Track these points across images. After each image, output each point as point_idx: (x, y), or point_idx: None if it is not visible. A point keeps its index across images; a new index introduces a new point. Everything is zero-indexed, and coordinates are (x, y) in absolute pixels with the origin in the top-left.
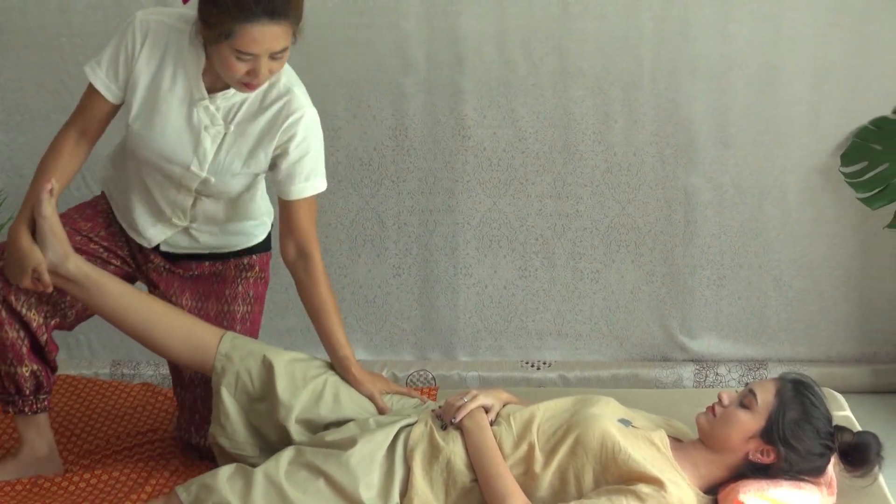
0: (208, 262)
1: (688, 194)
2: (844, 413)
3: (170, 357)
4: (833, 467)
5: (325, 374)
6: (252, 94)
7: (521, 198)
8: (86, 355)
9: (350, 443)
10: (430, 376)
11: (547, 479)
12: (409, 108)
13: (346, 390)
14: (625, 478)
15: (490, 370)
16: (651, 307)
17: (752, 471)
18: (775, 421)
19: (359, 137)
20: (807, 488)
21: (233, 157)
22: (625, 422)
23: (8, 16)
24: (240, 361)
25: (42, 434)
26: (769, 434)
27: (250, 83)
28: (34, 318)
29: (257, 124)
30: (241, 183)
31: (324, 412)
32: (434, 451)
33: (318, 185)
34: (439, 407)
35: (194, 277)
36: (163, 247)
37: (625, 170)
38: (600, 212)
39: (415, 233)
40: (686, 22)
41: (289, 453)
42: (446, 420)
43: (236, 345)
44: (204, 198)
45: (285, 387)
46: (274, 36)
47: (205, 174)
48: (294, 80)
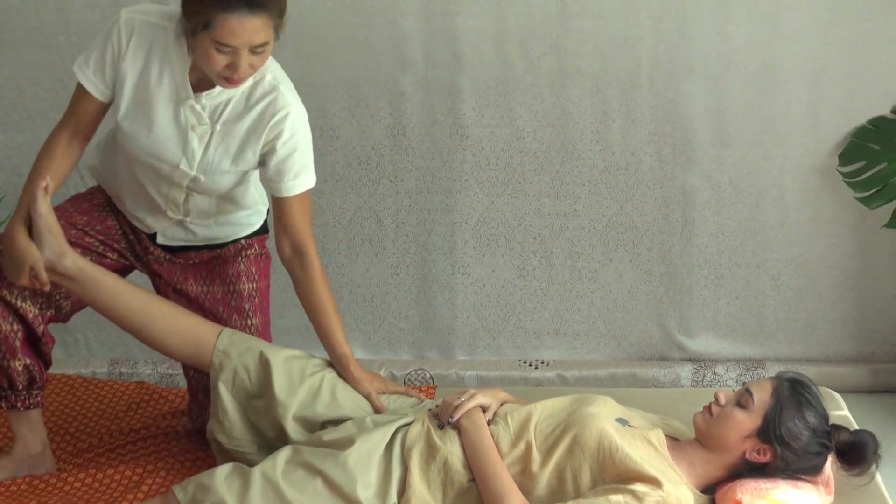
0: (206, 250)
1: (686, 194)
2: (842, 412)
3: (167, 353)
4: (830, 466)
5: (322, 372)
6: (237, 92)
7: (519, 197)
8: (83, 354)
9: (347, 442)
10: (428, 375)
11: (544, 478)
12: (407, 107)
13: (343, 388)
14: (622, 477)
15: (488, 369)
16: (649, 306)
17: (749, 470)
18: (772, 420)
19: (357, 136)
20: (804, 487)
21: (221, 156)
22: (622, 421)
23: (6, 15)
24: (237, 358)
25: (35, 431)
26: (766, 433)
27: (231, 77)
28: (30, 310)
29: (244, 123)
30: (230, 180)
31: (321, 410)
32: (431, 450)
33: (307, 182)
34: (436, 406)
35: (196, 264)
36: (160, 239)
37: (623, 169)
38: (598, 211)
39: (413, 232)
40: (684, 21)
41: (286, 453)
42: (444, 419)
43: (234, 341)
44: (196, 194)
45: (282, 384)
46: (253, 28)
47: (194, 172)
48: (280, 77)
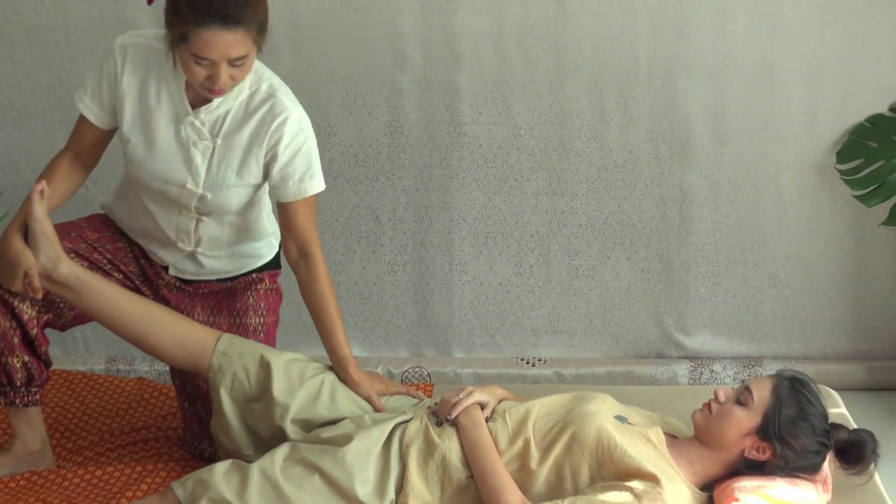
0: (217, 282)
1: (683, 191)
2: (839, 410)
3: (165, 359)
4: (829, 464)
5: (322, 375)
6: (235, 103)
7: (517, 195)
8: (81, 351)
9: (346, 439)
10: (426, 373)
11: (543, 475)
12: (404, 104)
13: (343, 391)
14: (621, 474)
15: (485, 367)
16: (646, 304)
17: (747, 468)
18: (771, 418)
19: (354, 134)
20: (802, 485)
21: (225, 170)
22: (621, 418)
23: (3, 12)
24: (237, 360)
25: (34, 428)
26: (765, 431)
27: (212, 89)
28: (25, 311)
29: (244, 133)
30: (238, 197)
31: (320, 412)
32: (429, 447)
33: (313, 186)
34: (435, 403)
35: (205, 294)
36: (171, 271)
37: (620, 167)
38: (596, 209)
39: (410, 229)
40: (682, 19)
41: (284, 449)
42: (442, 417)
43: (234, 343)
44: (206, 218)
45: (282, 387)
46: (228, 42)
47: (200, 191)
48: (277, 85)
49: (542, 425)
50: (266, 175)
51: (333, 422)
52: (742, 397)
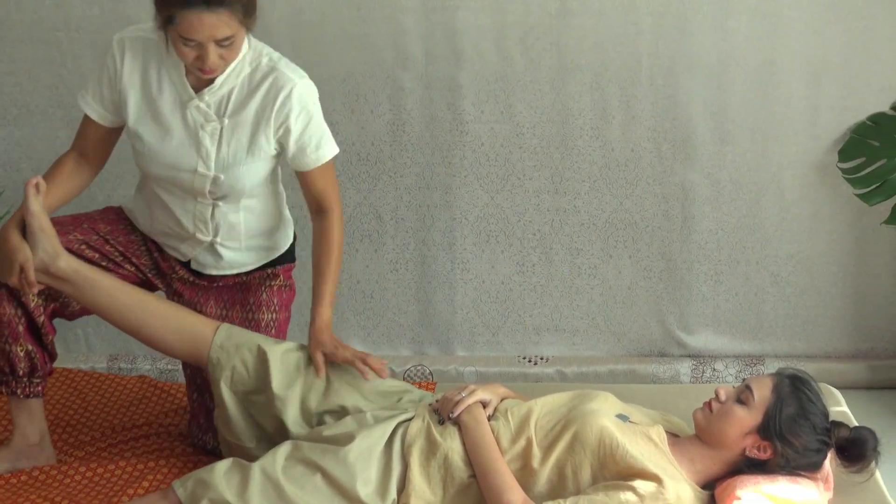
0: (233, 274)
1: (685, 190)
2: (841, 408)
3: (166, 351)
4: (830, 463)
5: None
6: (237, 81)
7: (519, 193)
8: (83, 350)
9: (347, 438)
10: (428, 371)
11: (545, 474)
12: (406, 102)
13: (339, 379)
14: (622, 474)
15: (487, 365)
16: (648, 303)
17: (748, 466)
18: (772, 417)
19: (356, 132)
20: (803, 484)
21: (235, 149)
22: (622, 417)
23: (5, 10)
24: (235, 353)
25: (34, 421)
26: (766, 430)
27: (203, 69)
28: (32, 299)
29: (250, 109)
30: (250, 175)
31: (318, 401)
32: (432, 446)
33: (329, 151)
34: (437, 402)
35: (219, 287)
36: (192, 265)
37: (622, 165)
38: (598, 207)
39: (412, 228)
40: (684, 18)
41: (286, 448)
42: (444, 415)
43: (231, 335)
44: (221, 203)
45: (280, 379)
46: (212, 23)
47: (212, 173)
48: (277, 57)
49: (545, 424)
50: (282, 148)
51: (333, 412)
52: (743, 396)
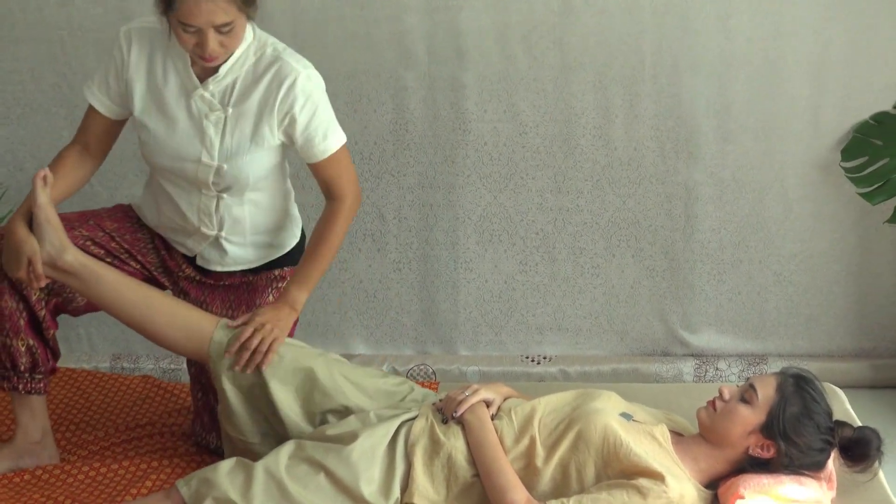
0: (240, 273)
1: (688, 189)
2: (844, 408)
3: (170, 347)
4: (833, 462)
5: (316, 359)
6: (242, 71)
7: (522, 192)
8: (86, 349)
9: (351, 437)
10: (431, 371)
11: (548, 473)
12: (409, 102)
13: (341, 374)
14: (626, 472)
15: (490, 365)
16: (651, 302)
17: (752, 465)
18: (776, 416)
19: (359, 131)
20: (807, 483)
21: (238, 139)
22: (626, 416)
23: (8, 9)
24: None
25: (36, 418)
26: (770, 429)
27: (203, 56)
28: (33, 292)
29: (254, 99)
30: (254, 165)
31: (318, 398)
32: (435, 445)
33: (336, 141)
34: (440, 401)
35: (225, 287)
36: (198, 261)
37: (625, 164)
38: (601, 206)
39: (415, 227)
40: (687, 17)
41: (289, 447)
42: (447, 414)
43: (230, 332)
44: (225, 196)
45: (278, 377)
46: (209, 10)
47: (216, 162)
48: (281, 48)
49: (548, 423)
50: (288, 139)
51: (336, 411)
52: (746, 395)
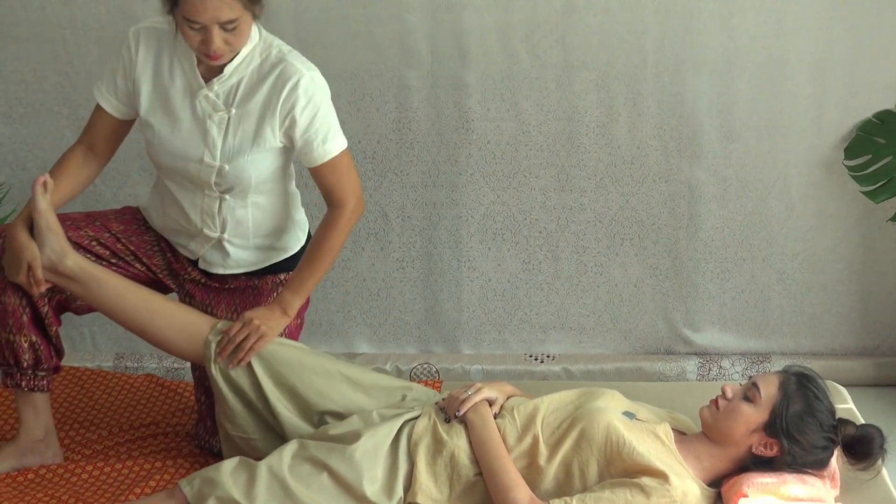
0: (244, 276)
1: (691, 187)
2: (847, 406)
3: (172, 351)
4: (836, 460)
5: (313, 358)
6: (247, 71)
7: (525, 191)
8: (89, 348)
9: (354, 437)
10: (434, 369)
11: (551, 471)
12: (412, 101)
13: (338, 372)
14: (629, 471)
15: (494, 363)
16: (655, 300)
17: (755, 464)
18: (779, 414)
19: (362, 130)
20: (810, 481)
21: (241, 140)
22: (629, 415)
23: (10, 8)
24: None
25: (39, 416)
26: (773, 427)
27: (208, 54)
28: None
29: (257, 100)
30: (256, 166)
31: (313, 397)
32: (438, 445)
33: (336, 146)
34: (442, 400)
35: (230, 290)
36: (201, 264)
37: (628, 163)
38: (604, 205)
39: (418, 226)
40: (690, 16)
41: (292, 447)
42: (450, 413)
43: (222, 332)
44: (228, 197)
45: (271, 377)
46: (215, 6)
47: (217, 163)
48: (287, 50)
49: (551, 422)
50: (290, 142)
51: (334, 412)
52: (749, 394)
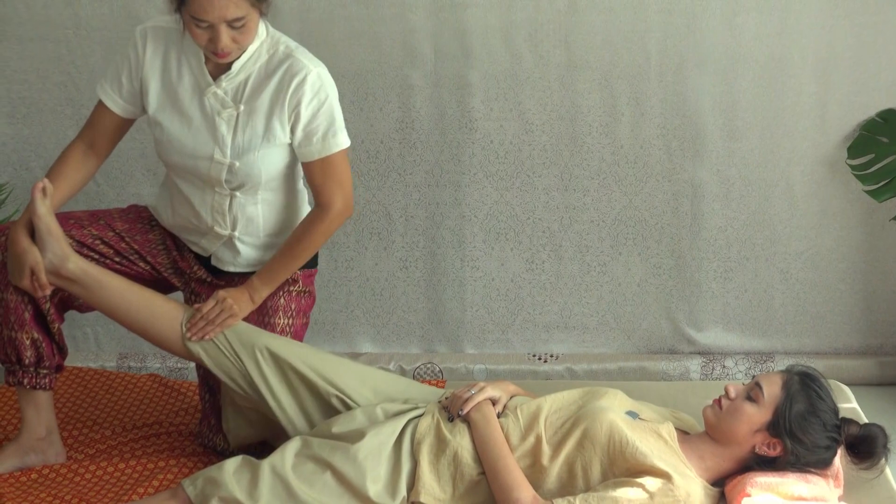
0: (251, 275)
1: (694, 187)
2: (850, 405)
3: (172, 351)
4: (839, 459)
5: (293, 349)
6: (255, 68)
7: (528, 190)
8: (92, 348)
9: (358, 436)
10: (438, 369)
11: (554, 471)
12: (415, 100)
13: (312, 366)
14: (632, 470)
15: (497, 363)
16: (658, 300)
17: (758, 463)
18: (782, 414)
19: (365, 130)
20: (813, 481)
21: (250, 135)
22: (632, 414)
23: (14, 8)
24: (223, 346)
25: (41, 414)
26: (776, 427)
27: (216, 52)
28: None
29: (265, 95)
30: (266, 162)
31: (313, 405)
32: (441, 444)
33: (336, 143)
34: (446, 399)
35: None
36: (212, 261)
37: (632, 162)
38: (607, 204)
39: (422, 226)
40: (693, 15)
41: (295, 445)
42: (453, 412)
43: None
44: (238, 194)
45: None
46: (222, 4)
47: (228, 159)
48: (294, 46)
49: (554, 421)
50: (292, 135)
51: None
52: (752, 393)
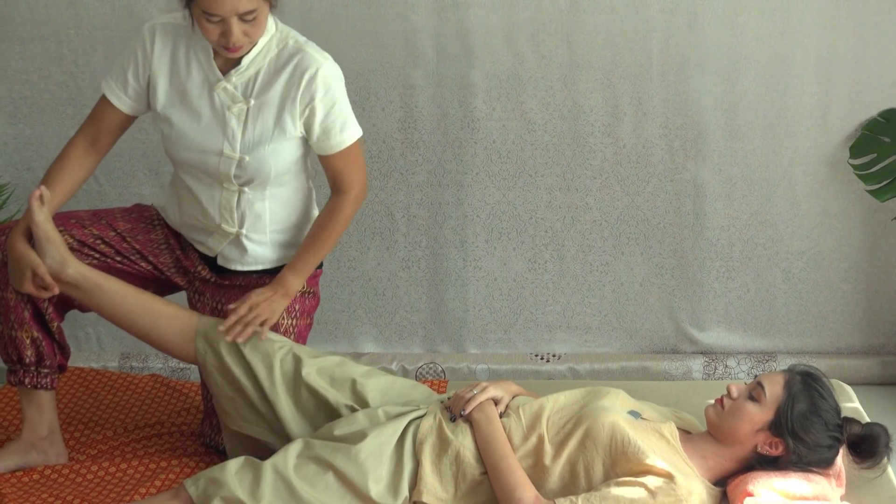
0: (255, 274)
1: (697, 186)
2: (853, 404)
3: (173, 354)
4: (842, 459)
5: (288, 348)
6: (264, 62)
7: (531, 190)
8: (94, 349)
9: (359, 436)
10: (440, 369)
11: (557, 471)
12: (417, 100)
13: (313, 366)
14: (634, 470)
15: (499, 363)
16: (660, 299)
17: (760, 463)
18: (784, 413)
19: (367, 130)
20: (815, 480)
21: (260, 130)
22: (634, 414)
23: (16, 8)
24: (217, 344)
25: (43, 414)
26: (778, 426)
27: (228, 46)
28: (43, 300)
29: (276, 88)
30: (275, 157)
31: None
32: (443, 444)
33: (352, 134)
34: (448, 399)
35: (240, 288)
36: (219, 260)
37: (634, 162)
38: (609, 204)
39: (424, 225)
40: (695, 15)
41: (297, 446)
42: (455, 412)
43: (212, 322)
44: (247, 189)
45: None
46: None
47: (238, 154)
48: (304, 40)
49: (556, 421)
50: (307, 130)
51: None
52: (754, 393)
